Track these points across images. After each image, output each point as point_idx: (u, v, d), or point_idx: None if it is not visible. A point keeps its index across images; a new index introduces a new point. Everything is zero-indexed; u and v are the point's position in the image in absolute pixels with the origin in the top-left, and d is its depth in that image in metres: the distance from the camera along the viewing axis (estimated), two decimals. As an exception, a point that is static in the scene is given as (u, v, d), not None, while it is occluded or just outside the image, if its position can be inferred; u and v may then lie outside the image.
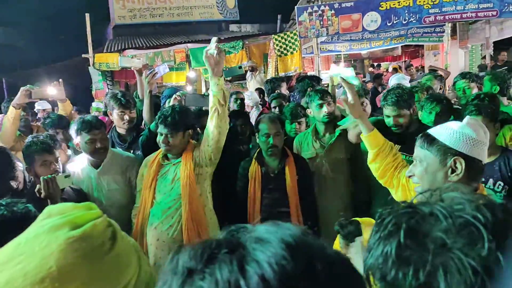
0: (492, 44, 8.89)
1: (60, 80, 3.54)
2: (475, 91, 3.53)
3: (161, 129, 2.57)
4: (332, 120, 3.12)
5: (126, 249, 0.74)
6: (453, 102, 3.50)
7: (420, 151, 1.54)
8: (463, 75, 3.84)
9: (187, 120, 2.65)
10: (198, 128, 3.26)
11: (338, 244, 1.88)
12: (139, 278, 0.73)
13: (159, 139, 2.60)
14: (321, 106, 3.05)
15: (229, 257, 0.48)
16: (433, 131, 1.53)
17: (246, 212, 2.83)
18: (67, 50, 11.47)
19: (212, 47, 2.32)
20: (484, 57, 9.44)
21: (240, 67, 3.35)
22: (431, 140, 1.49)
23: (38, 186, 2.27)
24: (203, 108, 2.85)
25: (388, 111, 2.71)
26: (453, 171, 1.44)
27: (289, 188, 2.78)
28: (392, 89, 2.85)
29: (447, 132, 1.47)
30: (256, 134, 2.94)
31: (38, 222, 0.72)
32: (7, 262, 0.65)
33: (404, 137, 2.59)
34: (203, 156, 2.60)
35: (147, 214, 2.59)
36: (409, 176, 1.62)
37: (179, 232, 2.51)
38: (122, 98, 3.19)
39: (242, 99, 4.97)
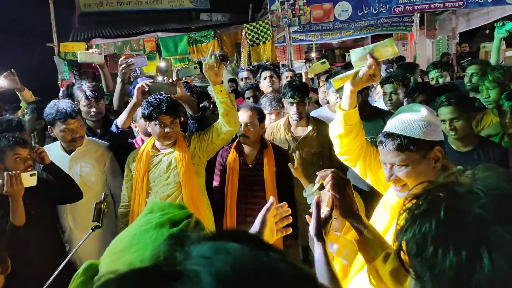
0: (458, 35, 9.12)
1: (12, 70, 3.45)
2: (448, 79, 3.59)
3: (164, 118, 2.51)
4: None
5: None
6: None
7: (397, 154, 1.46)
8: (434, 65, 3.87)
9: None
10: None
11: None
12: None
13: (158, 129, 2.53)
14: (291, 104, 2.98)
15: None
16: (396, 129, 1.45)
17: (223, 202, 2.83)
18: (31, 40, 10.99)
19: (211, 60, 2.48)
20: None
21: (195, 67, 3.26)
22: (405, 141, 1.43)
23: None
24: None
25: None
26: (436, 161, 1.46)
27: (266, 180, 2.77)
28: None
29: (417, 126, 1.43)
30: None
31: (144, 216, 0.87)
32: (127, 249, 0.82)
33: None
34: (204, 149, 2.62)
35: (143, 205, 2.58)
36: (390, 181, 1.52)
37: None
38: (87, 90, 3.11)
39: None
